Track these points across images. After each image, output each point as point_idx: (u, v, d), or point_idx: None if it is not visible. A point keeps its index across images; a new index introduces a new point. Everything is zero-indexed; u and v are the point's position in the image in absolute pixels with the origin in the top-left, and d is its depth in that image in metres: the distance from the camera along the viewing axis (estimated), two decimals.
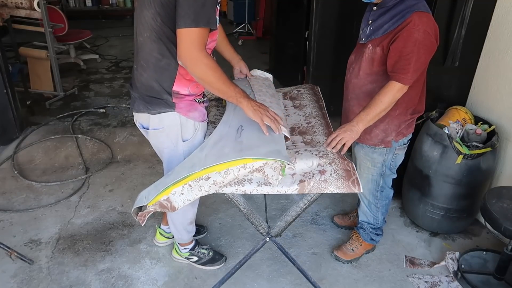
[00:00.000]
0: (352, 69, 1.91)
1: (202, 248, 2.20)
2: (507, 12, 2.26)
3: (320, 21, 3.16)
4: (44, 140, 3.34)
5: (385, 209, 2.17)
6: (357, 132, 1.73)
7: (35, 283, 2.06)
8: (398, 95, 1.72)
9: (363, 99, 1.87)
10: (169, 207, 1.51)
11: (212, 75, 1.50)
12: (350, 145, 1.72)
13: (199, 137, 1.77)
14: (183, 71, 1.60)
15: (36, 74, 4.00)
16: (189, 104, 1.68)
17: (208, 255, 2.19)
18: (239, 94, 1.57)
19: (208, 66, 1.48)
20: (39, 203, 2.65)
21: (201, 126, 1.76)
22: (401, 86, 1.68)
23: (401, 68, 1.66)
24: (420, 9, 1.64)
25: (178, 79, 1.62)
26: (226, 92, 1.56)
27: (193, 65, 1.47)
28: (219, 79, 1.52)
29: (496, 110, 2.37)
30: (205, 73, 1.49)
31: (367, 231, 2.22)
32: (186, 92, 1.66)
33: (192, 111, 1.70)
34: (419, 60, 1.65)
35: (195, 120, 1.71)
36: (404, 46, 1.64)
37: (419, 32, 1.61)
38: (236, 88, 1.57)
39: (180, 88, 1.64)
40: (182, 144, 1.73)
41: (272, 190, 1.53)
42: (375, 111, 1.72)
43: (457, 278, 2.14)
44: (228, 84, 1.55)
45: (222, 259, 2.21)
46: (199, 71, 1.49)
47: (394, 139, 1.91)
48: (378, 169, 2.01)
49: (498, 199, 1.90)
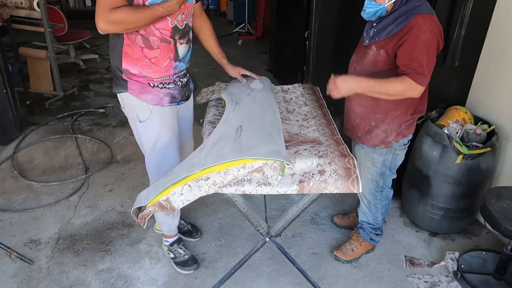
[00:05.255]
0: (354, 69, 1.91)
1: (181, 248, 2.19)
2: (507, 12, 2.26)
3: (320, 21, 3.16)
4: (44, 140, 3.35)
5: (385, 209, 2.17)
6: (352, 89, 1.73)
7: (35, 283, 2.06)
8: (408, 94, 1.70)
9: (364, 98, 1.87)
10: (168, 207, 1.51)
11: (119, 27, 1.59)
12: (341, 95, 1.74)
13: (155, 120, 1.83)
14: (127, 49, 1.70)
15: (36, 74, 4.00)
16: (140, 87, 1.76)
17: (183, 257, 2.17)
18: (159, 10, 1.58)
19: (110, 21, 1.55)
20: (39, 203, 2.65)
21: (156, 109, 1.81)
22: (415, 85, 1.66)
23: (415, 70, 1.65)
24: (424, 10, 1.64)
25: (124, 57, 1.72)
26: (141, 20, 1.59)
27: (96, 23, 1.57)
28: (127, 22, 1.57)
29: (496, 110, 2.37)
30: (108, 28, 1.58)
31: (366, 231, 2.22)
32: (135, 72, 1.74)
33: (144, 93, 1.77)
34: (430, 60, 1.65)
35: (147, 102, 1.78)
36: (413, 49, 1.63)
37: (426, 33, 1.61)
38: (146, 10, 1.57)
39: (128, 66, 1.73)
40: (139, 125, 1.84)
41: (272, 190, 1.53)
42: (380, 90, 1.71)
43: (457, 278, 2.14)
44: (141, 15, 1.57)
45: (194, 266, 2.15)
46: (104, 27, 1.57)
47: (394, 139, 1.91)
48: (378, 169, 2.01)
49: (498, 199, 1.90)
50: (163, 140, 1.88)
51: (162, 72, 1.77)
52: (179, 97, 1.88)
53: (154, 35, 1.68)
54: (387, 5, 1.69)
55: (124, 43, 1.71)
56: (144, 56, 1.72)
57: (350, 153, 1.63)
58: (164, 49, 1.73)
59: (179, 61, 1.81)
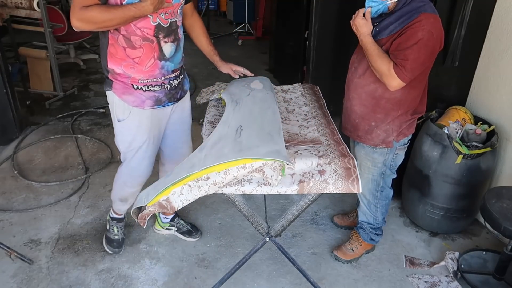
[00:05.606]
0: (354, 68, 1.91)
1: (117, 227, 2.26)
2: (506, 12, 2.26)
3: (320, 21, 3.16)
4: (44, 140, 3.35)
5: (385, 209, 2.17)
6: (361, 34, 1.74)
7: (35, 283, 2.06)
8: (385, 79, 1.69)
9: (365, 98, 1.87)
10: (168, 207, 1.51)
11: (90, 25, 1.59)
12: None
13: (132, 121, 1.84)
14: (112, 49, 1.71)
15: (36, 74, 4.00)
16: (123, 87, 1.77)
17: (113, 236, 2.25)
18: (131, 10, 1.57)
19: (81, 19, 1.56)
20: (39, 203, 2.65)
21: (136, 111, 1.82)
22: (394, 76, 1.65)
23: (399, 61, 1.64)
24: (427, 10, 1.64)
25: (109, 57, 1.74)
26: (113, 19, 1.58)
27: (70, 20, 1.59)
28: (98, 21, 1.57)
29: (496, 110, 2.37)
30: (80, 25, 1.58)
31: (366, 231, 2.22)
32: (120, 71, 1.75)
33: (126, 94, 1.78)
34: (417, 59, 1.63)
35: (128, 103, 1.79)
36: (405, 41, 1.63)
37: (424, 31, 1.61)
38: (118, 9, 1.57)
39: (113, 66, 1.75)
40: (117, 123, 1.88)
41: (272, 190, 1.53)
42: (371, 54, 1.71)
43: (457, 278, 2.14)
44: (112, 14, 1.57)
45: (117, 249, 2.24)
46: (77, 24, 1.58)
47: (395, 139, 1.91)
48: (379, 169, 2.01)
49: (498, 199, 1.90)
50: (137, 142, 1.90)
51: (147, 72, 1.75)
52: (166, 100, 1.87)
53: (136, 34, 1.67)
54: (389, 2, 1.69)
55: (109, 43, 1.72)
56: (127, 56, 1.71)
57: (350, 153, 1.63)
58: (147, 48, 1.71)
59: (165, 60, 1.78)
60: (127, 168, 2.01)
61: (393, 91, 1.75)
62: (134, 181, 2.05)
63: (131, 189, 2.09)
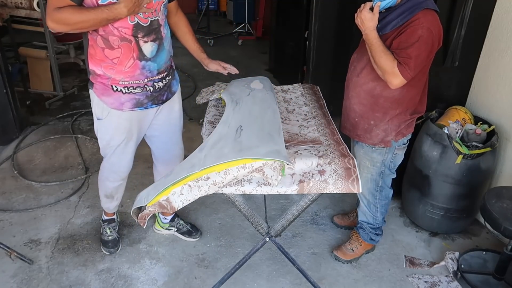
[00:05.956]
0: (354, 67, 1.91)
1: (109, 228, 2.28)
2: (507, 12, 2.26)
3: (320, 21, 3.15)
4: (44, 140, 3.35)
5: (385, 209, 2.17)
6: (367, 29, 1.69)
7: (35, 283, 2.06)
8: (387, 77, 1.68)
9: (364, 97, 1.87)
10: (168, 207, 1.51)
11: (63, 26, 1.58)
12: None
13: (110, 122, 1.84)
14: (91, 50, 1.71)
15: (36, 74, 4.00)
16: (103, 88, 1.77)
17: (107, 237, 2.27)
18: (104, 12, 1.54)
19: (54, 20, 1.56)
20: (39, 203, 2.65)
21: (114, 112, 1.81)
22: (398, 73, 1.65)
23: (403, 60, 1.65)
24: (429, 6, 1.66)
25: (90, 58, 1.74)
26: (86, 21, 1.56)
27: (47, 23, 1.59)
28: (71, 23, 1.56)
29: (496, 110, 2.37)
30: (54, 26, 1.58)
31: (366, 231, 2.22)
32: (100, 72, 1.74)
33: (105, 95, 1.78)
34: (419, 56, 1.65)
35: (106, 104, 1.79)
36: (407, 40, 1.64)
37: (423, 29, 1.62)
38: (91, 11, 1.55)
39: (94, 67, 1.75)
40: (97, 121, 1.89)
41: (272, 190, 1.53)
42: (375, 50, 1.68)
43: (457, 278, 2.14)
44: (85, 16, 1.55)
45: (113, 249, 2.25)
46: (51, 25, 1.58)
47: (393, 139, 1.91)
48: (378, 168, 2.01)
49: (498, 199, 1.90)
50: (115, 141, 1.91)
51: (127, 72, 1.72)
52: (148, 102, 1.84)
53: (113, 34, 1.65)
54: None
55: (89, 44, 1.71)
56: (106, 57, 1.69)
57: (350, 153, 1.63)
58: (125, 48, 1.68)
59: (146, 60, 1.74)
60: (108, 163, 2.02)
61: (392, 89, 1.75)
62: (116, 176, 2.07)
63: (113, 183, 2.10)
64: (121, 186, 2.15)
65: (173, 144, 2.13)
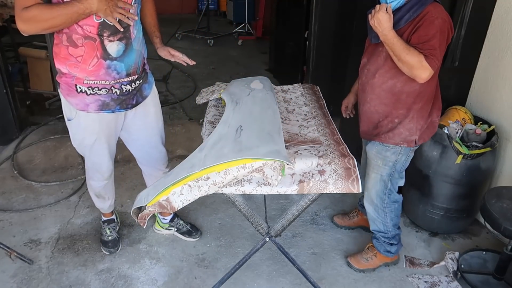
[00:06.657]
0: (367, 71, 1.88)
1: (108, 229, 2.29)
2: (507, 12, 2.26)
3: (320, 21, 3.16)
4: (44, 140, 3.35)
5: (395, 214, 2.10)
6: (384, 29, 1.66)
7: (35, 283, 2.06)
8: (416, 71, 1.66)
9: (385, 96, 1.84)
10: (168, 207, 1.51)
11: (34, 25, 1.54)
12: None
13: (79, 123, 1.84)
14: (56, 49, 1.70)
15: (36, 74, 4.00)
16: (67, 88, 1.77)
17: (107, 238, 2.28)
18: (75, 5, 1.51)
19: (24, 19, 1.53)
20: (39, 203, 2.65)
21: (81, 114, 1.80)
22: (426, 65, 1.64)
23: (429, 51, 1.64)
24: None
25: (55, 57, 1.72)
26: (56, 17, 1.52)
27: (18, 26, 1.56)
28: (41, 20, 1.53)
29: (496, 110, 2.37)
30: (25, 28, 1.55)
31: (380, 241, 2.15)
32: (65, 71, 1.73)
33: (70, 96, 1.78)
34: (441, 46, 1.66)
35: (72, 105, 1.79)
36: (426, 33, 1.65)
37: (438, 19, 1.64)
38: (60, 7, 1.52)
39: (59, 66, 1.73)
40: (67, 122, 1.88)
41: (272, 190, 1.53)
42: (398, 48, 1.66)
43: (457, 278, 2.14)
44: (55, 12, 1.52)
45: (112, 249, 2.26)
46: (21, 27, 1.55)
47: (417, 139, 1.87)
48: (389, 168, 1.95)
49: (498, 199, 1.90)
50: (88, 140, 1.90)
51: (91, 71, 1.69)
52: (115, 105, 1.80)
53: (77, 32, 1.62)
54: None
55: (54, 43, 1.70)
56: (70, 55, 1.67)
57: (350, 153, 1.62)
58: (88, 47, 1.64)
59: (111, 60, 1.69)
60: (89, 162, 2.03)
61: (413, 84, 1.75)
62: (99, 175, 2.07)
63: (98, 183, 2.11)
64: (107, 185, 2.14)
65: (151, 147, 2.10)
